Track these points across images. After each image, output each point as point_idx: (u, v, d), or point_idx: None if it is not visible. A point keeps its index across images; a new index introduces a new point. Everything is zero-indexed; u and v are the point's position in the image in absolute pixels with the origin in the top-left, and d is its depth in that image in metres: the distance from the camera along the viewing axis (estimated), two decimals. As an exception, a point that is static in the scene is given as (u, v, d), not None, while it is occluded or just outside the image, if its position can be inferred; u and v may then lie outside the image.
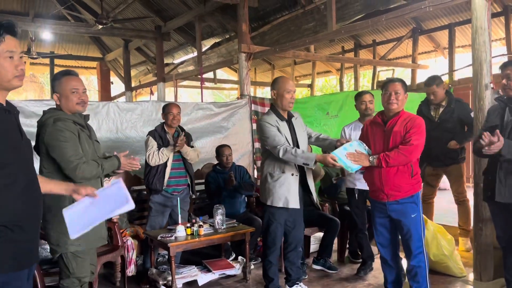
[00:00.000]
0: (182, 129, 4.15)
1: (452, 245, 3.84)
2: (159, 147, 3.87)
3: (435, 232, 3.84)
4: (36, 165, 2.02)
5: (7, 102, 1.69)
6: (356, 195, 3.94)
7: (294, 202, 3.32)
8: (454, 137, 4.24)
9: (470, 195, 4.00)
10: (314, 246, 4.65)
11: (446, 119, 4.28)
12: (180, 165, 4.03)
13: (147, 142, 3.94)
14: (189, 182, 4.11)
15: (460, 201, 4.47)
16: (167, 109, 4.01)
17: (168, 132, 3.99)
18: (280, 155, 3.18)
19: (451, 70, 7.83)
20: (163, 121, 4.03)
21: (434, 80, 4.36)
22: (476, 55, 3.41)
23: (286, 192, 3.29)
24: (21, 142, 1.67)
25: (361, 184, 3.81)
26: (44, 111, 2.58)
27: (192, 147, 4.18)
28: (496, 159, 2.79)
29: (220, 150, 4.57)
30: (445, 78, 7.73)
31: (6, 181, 1.58)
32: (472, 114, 4.00)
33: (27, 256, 1.67)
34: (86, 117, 2.69)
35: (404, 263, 3.32)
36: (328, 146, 3.50)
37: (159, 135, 3.94)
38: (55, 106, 2.62)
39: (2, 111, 1.60)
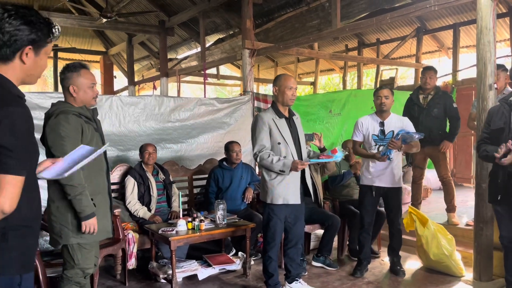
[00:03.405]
0: (161, 167, 4.48)
1: (452, 245, 3.84)
2: (138, 184, 4.19)
3: (436, 231, 3.85)
4: (42, 156, 2.02)
5: None
6: (374, 192, 3.87)
7: (294, 198, 3.33)
8: (442, 136, 4.62)
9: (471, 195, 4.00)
10: (314, 243, 4.67)
11: (433, 105, 4.65)
12: (162, 199, 4.39)
13: (126, 182, 4.23)
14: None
15: (446, 180, 4.76)
16: (143, 148, 4.33)
17: (146, 170, 4.29)
18: (258, 161, 3.33)
19: (455, 70, 7.81)
20: (140, 160, 4.34)
21: (432, 67, 4.85)
22: (481, 55, 3.41)
23: (285, 190, 3.30)
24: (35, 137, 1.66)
25: (380, 181, 3.81)
26: (52, 104, 2.59)
27: (173, 182, 4.54)
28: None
29: (230, 146, 4.57)
30: (449, 78, 7.73)
31: (32, 178, 1.57)
32: (454, 105, 4.61)
33: (34, 255, 1.68)
34: (95, 111, 2.70)
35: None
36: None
37: (139, 173, 4.24)
38: (59, 99, 2.63)
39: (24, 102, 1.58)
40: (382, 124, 3.84)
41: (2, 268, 1.50)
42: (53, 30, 1.60)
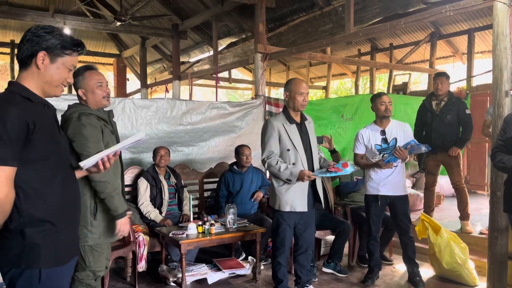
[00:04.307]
0: (173, 171, 4.51)
1: (466, 254, 3.78)
2: (151, 187, 4.23)
3: (449, 239, 3.79)
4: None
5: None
6: (379, 201, 3.78)
7: (302, 206, 3.29)
8: (455, 143, 4.58)
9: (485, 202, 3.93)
10: (324, 249, 4.63)
11: (446, 111, 4.60)
12: (173, 202, 4.39)
13: (138, 183, 4.27)
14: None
15: (459, 188, 4.67)
16: (155, 151, 4.38)
17: (159, 172, 4.33)
18: (266, 167, 3.31)
19: (470, 76, 7.72)
20: (154, 162, 4.38)
21: (444, 73, 4.78)
22: (497, 61, 3.36)
23: (292, 197, 3.26)
24: (59, 136, 1.75)
25: (385, 190, 3.72)
26: (69, 106, 2.61)
27: (184, 186, 4.56)
28: None
29: (240, 149, 4.58)
30: (463, 84, 7.64)
31: (48, 174, 1.65)
32: (467, 111, 4.56)
33: (68, 250, 1.74)
34: (111, 113, 2.71)
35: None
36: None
37: (151, 176, 4.28)
38: (74, 101, 2.64)
39: (41, 105, 1.68)
40: (383, 132, 3.76)
41: (18, 262, 1.58)
42: (76, 44, 1.70)
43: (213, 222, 3.83)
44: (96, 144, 2.44)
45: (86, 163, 1.85)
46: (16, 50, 1.74)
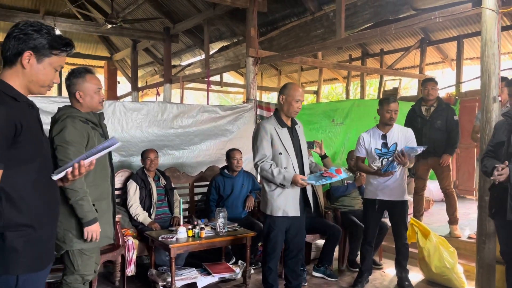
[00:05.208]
0: (163, 173, 4.49)
1: (455, 258, 3.81)
2: (140, 188, 4.21)
3: (438, 244, 3.82)
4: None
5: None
6: (377, 206, 3.75)
7: (294, 211, 3.28)
8: (444, 150, 4.64)
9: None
10: (314, 253, 4.63)
11: (436, 117, 4.66)
12: (163, 204, 4.38)
13: (128, 186, 4.26)
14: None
15: (448, 192, 4.73)
16: (145, 154, 4.33)
17: (148, 174, 4.31)
18: (258, 171, 3.27)
19: (459, 82, 7.81)
20: (143, 165, 4.35)
21: (433, 78, 4.92)
22: (485, 67, 3.40)
23: (285, 202, 3.25)
24: (42, 138, 1.70)
25: (384, 195, 3.70)
26: (59, 108, 2.59)
27: (174, 188, 4.53)
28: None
29: (231, 153, 4.57)
30: (452, 90, 7.72)
31: (33, 177, 1.60)
32: (455, 118, 4.63)
33: (46, 255, 1.69)
34: (101, 116, 2.70)
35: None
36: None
37: (141, 178, 4.26)
38: (63, 103, 2.63)
39: (26, 105, 1.63)
40: (384, 137, 3.75)
41: None
42: (65, 44, 1.65)
43: (203, 226, 3.81)
44: (77, 149, 2.41)
45: (56, 175, 1.75)
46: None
